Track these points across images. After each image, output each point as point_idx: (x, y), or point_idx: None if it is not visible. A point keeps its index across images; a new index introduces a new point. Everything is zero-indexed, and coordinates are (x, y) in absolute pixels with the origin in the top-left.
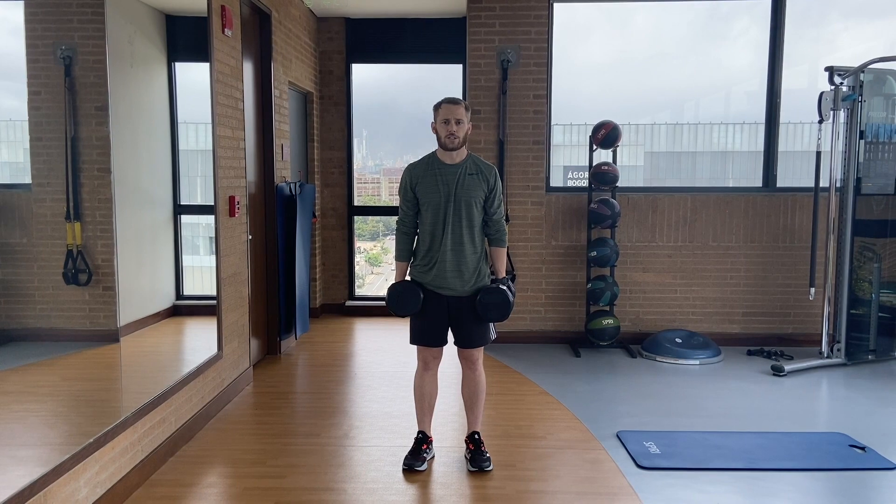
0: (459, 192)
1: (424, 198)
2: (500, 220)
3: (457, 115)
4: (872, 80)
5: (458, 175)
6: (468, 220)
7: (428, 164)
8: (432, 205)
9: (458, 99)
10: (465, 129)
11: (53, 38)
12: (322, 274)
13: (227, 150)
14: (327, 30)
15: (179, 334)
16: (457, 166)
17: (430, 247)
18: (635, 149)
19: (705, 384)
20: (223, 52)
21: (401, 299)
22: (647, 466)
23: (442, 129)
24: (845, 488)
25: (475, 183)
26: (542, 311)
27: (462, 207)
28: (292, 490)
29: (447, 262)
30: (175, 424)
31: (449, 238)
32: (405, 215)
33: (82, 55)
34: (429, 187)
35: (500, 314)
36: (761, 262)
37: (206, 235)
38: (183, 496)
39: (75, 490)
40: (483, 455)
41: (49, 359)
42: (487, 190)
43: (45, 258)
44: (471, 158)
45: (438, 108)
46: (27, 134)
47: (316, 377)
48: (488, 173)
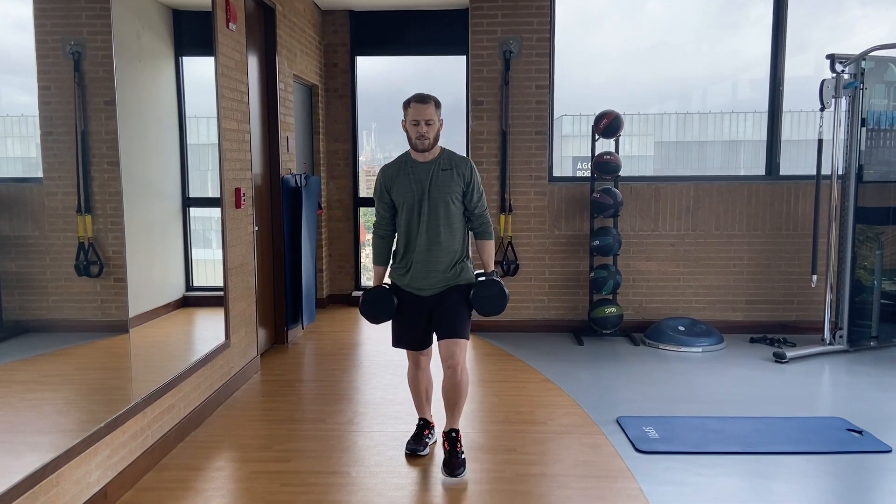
0: (433, 189)
1: (399, 198)
2: (482, 214)
3: (426, 115)
4: (874, 68)
5: (432, 172)
6: (446, 217)
7: (401, 164)
8: (407, 204)
9: (426, 97)
10: (437, 128)
11: (62, 34)
12: (329, 265)
13: (233, 143)
14: (331, 23)
15: (189, 325)
16: (429, 164)
17: (407, 248)
18: (645, 139)
19: (707, 371)
20: (228, 46)
21: (373, 306)
22: (645, 450)
23: (412, 129)
24: (841, 470)
25: (449, 178)
26: (546, 300)
27: (439, 205)
28: (298, 473)
29: (423, 262)
30: (184, 411)
31: (424, 237)
32: (381, 218)
33: (91, 50)
34: (402, 187)
35: (496, 306)
36: (764, 250)
37: (211, 229)
38: (192, 479)
39: (87, 473)
40: (458, 457)
41: (61, 349)
42: (464, 184)
43: (57, 250)
44: (444, 154)
45: (407, 106)
46: (26, 128)
47: (322, 365)
48: (463, 167)
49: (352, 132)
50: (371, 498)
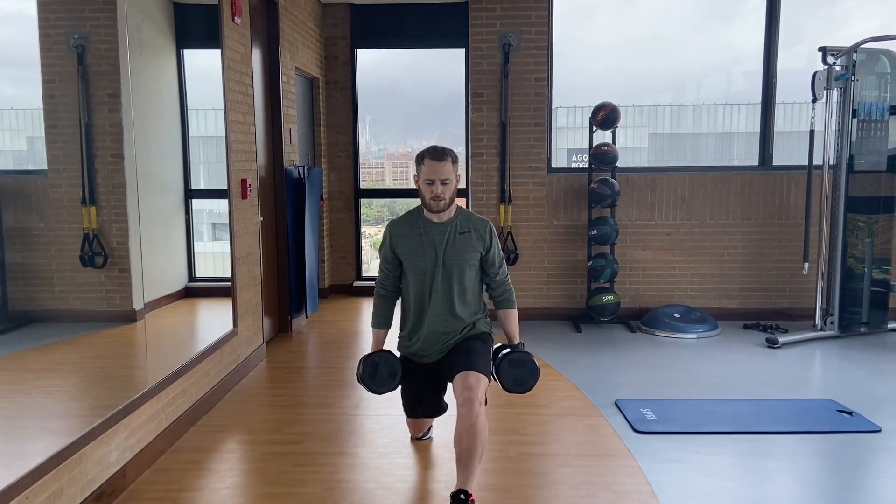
0: (449, 254)
1: (409, 261)
2: (504, 281)
3: (442, 174)
4: (865, 60)
5: (448, 235)
6: (460, 285)
7: (412, 221)
8: (418, 270)
9: (443, 153)
10: (454, 187)
11: (66, 28)
12: (330, 255)
13: (239, 135)
14: (332, 15)
15: (193, 314)
16: (445, 224)
17: (418, 317)
18: (639, 130)
19: (702, 356)
20: (233, 40)
21: (377, 373)
22: (643, 431)
23: (425, 188)
24: (832, 449)
25: (468, 243)
26: (545, 289)
27: (454, 273)
28: (308, 454)
29: (437, 332)
30: (195, 395)
31: (438, 308)
32: (385, 277)
33: (94, 43)
34: (413, 249)
35: (526, 382)
36: (757, 239)
37: (212, 221)
38: (206, 460)
39: (107, 453)
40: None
41: (68, 338)
42: (484, 249)
43: (62, 242)
44: (461, 214)
45: (421, 162)
46: (29, 122)
47: (326, 353)
48: (483, 230)
49: (352, 124)
50: (380, 477)
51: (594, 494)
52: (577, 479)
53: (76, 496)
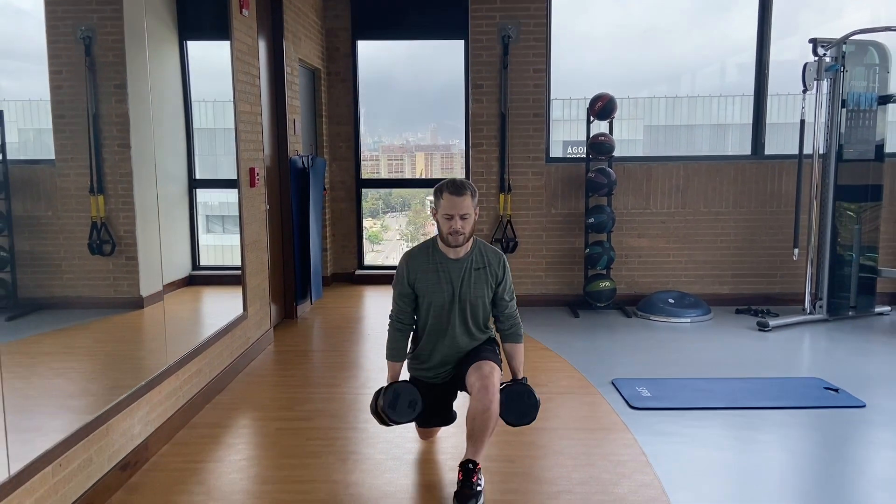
0: (465, 291)
1: (425, 296)
2: (513, 315)
3: (462, 209)
4: (854, 51)
5: (464, 272)
6: (474, 319)
7: (429, 255)
8: (435, 305)
9: (463, 187)
10: (473, 221)
11: (73, 20)
12: (332, 244)
13: (247, 125)
14: (333, 7)
15: (199, 301)
16: (461, 261)
17: (433, 346)
18: (635, 122)
19: (695, 339)
20: (241, 32)
21: (398, 402)
22: (638, 407)
23: (444, 223)
24: (818, 423)
25: (482, 279)
26: (543, 276)
27: (468, 308)
28: (319, 429)
29: (450, 359)
30: (209, 375)
31: (455, 340)
32: (401, 311)
33: (101, 35)
34: (431, 284)
35: (527, 416)
36: (750, 227)
37: (207, 213)
38: (222, 435)
39: (131, 426)
40: (472, 488)
41: (78, 324)
42: (496, 284)
43: (71, 230)
44: (477, 248)
45: (440, 196)
46: (17, 114)
47: (331, 337)
48: (496, 265)
49: (353, 115)
50: (391, 449)
51: (593, 464)
52: (576, 450)
53: (104, 465)
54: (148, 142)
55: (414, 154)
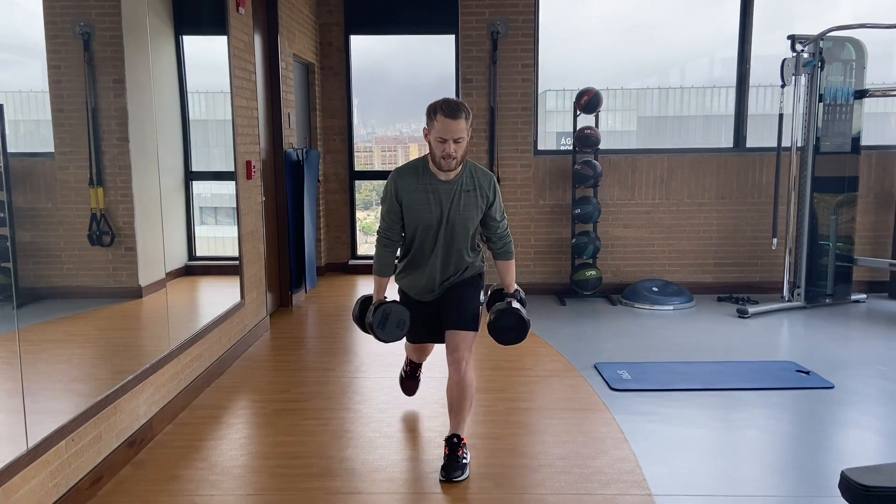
0: (454, 213)
1: (412, 214)
2: (504, 234)
3: (456, 132)
4: (832, 47)
5: (454, 193)
6: (462, 240)
7: (418, 174)
8: (422, 224)
9: (457, 109)
10: (466, 144)
11: (72, 15)
12: (326, 235)
13: (243, 119)
14: (326, 3)
15: (196, 290)
16: (452, 183)
17: (418, 262)
18: (628, 113)
19: (677, 326)
20: (238, 29)
21: (387, 322)
22: (619, 388)
23: (437, 146)
24: (789, 403)
25: (472, 201)
26: (532, 265)
27: (457, 230)
28: (315, 410)
29: (436, 278)
30: (209, 360)
31: (440, 259)
32: (389, 227)
33: (100, 30)
34: (418, 203)
35: (517, 336)
36: (731, 217)
37: (199, 205)
38: (222, 416)
39: (136, 406)
40: (457, 461)
41: (79, 313)
42: (486, 206)
43: (70, 221)
44: (468, 170)
45: (433, 117)
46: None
47: (325, 325)
48: (486, 186)
49: (347, 108)
50: (382, 428)
51: (573, 440)
52: (557, 428)
53: (112, 442)
54: (146, 135)
55: (407, 145)
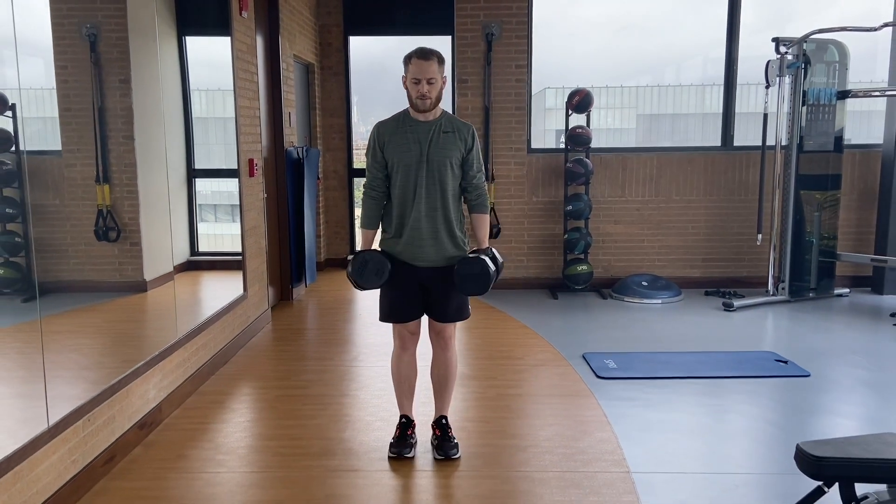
0: (433, 151)
1: (394, 158)
2: (480, 185)
3: (428, 73)
4: (815, 49)
5: (432, 133)
6: (441, 183)
7: (398, 121)
8: (403, 165)
9: (429, 52)
10: (439, 87)
11: (78, 18)
12: (325, 231)
13: (246, 119)
14: (326, 4)
15: (199, 284)
16: (430, 123)
17: (402, 212)
18: (627, 111)
19: (664, 319)
20: (241, 32)
21: (365, 269)
22: (604, 377)
23: (412, 88)
24: (765, 390)
25: (450, 142)
26: (525, 260)
27: (435, 169)
28: (315, 395)
29: (421, 229)
30: (213, 349)
31: (423, 203)
32: (374, 178)
33: (106, 32)
34: (399, 146)
35: (478, 287)
36: (719, 214)
37: (208, 202)
38: (227, 401)
39: (146, 391)
40: (450, 441)
41: (86, 306)
42: (465, 150)
43: (77, 217)
44: (445, 116)
45: (409, 62)
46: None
47: (325, 317)
48: (465, 132)
49: (346, 107)
50: (377, 412)
51: (559, 423)
52: (545, 412)
53: (124, 424)
54: (151, 133)
55: None
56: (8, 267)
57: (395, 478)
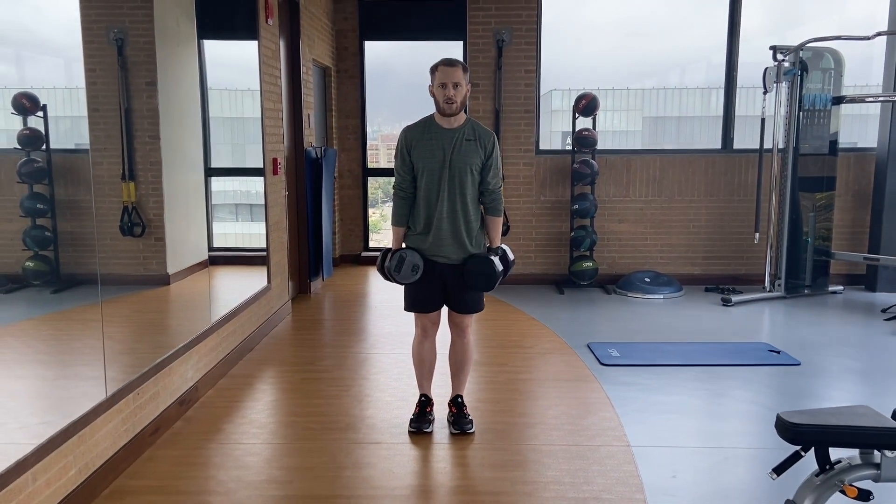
0: (455, 157)
1: (420, 162)
2: (496, 190)
3: (454, 78)
4: (811, 57)
5: (456, 140)
6: (461, 187)
7: (425, 127)
8: (427, 170)
9: (455, 60)
10: (464, 92)
11: (106, 23)
12: (340, 228)
13: (270, 120)
14: (342, 10)
15: (221, 278)
16: (454, 131)
17: (427, 213)
18: (634, 114)
19: (665, 313)
20: (266, 38)
21: (403, 265)
22: (608, 363)
23: (439, 93)
24: (758, 376)
25: (472, 149)
26: (533, 257)
27: (456, 174)
28: (337, 378)
29: (443, 229)
30: (241, 336)
31: (445, 205)
32: (403, 179)
33: (133, 37)
34: (424, 151)
35: (485, 283)
36: (719, 214)
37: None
38: (256, 382)
39: (185, 371)
40: (465, 418)
41: (114, 298)
42: (484, 157)
43: (104, 213)
44: (469, 123)
45: (435, 70)
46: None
47: (342, 309)
48: (486, 140)
49: (361, 109)
50: (398, 393)
51: (564, 404)
52: (551, 394)
53: (167, 399)
54: (174, 133)
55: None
56: (38, 260)
57: (414, 448)
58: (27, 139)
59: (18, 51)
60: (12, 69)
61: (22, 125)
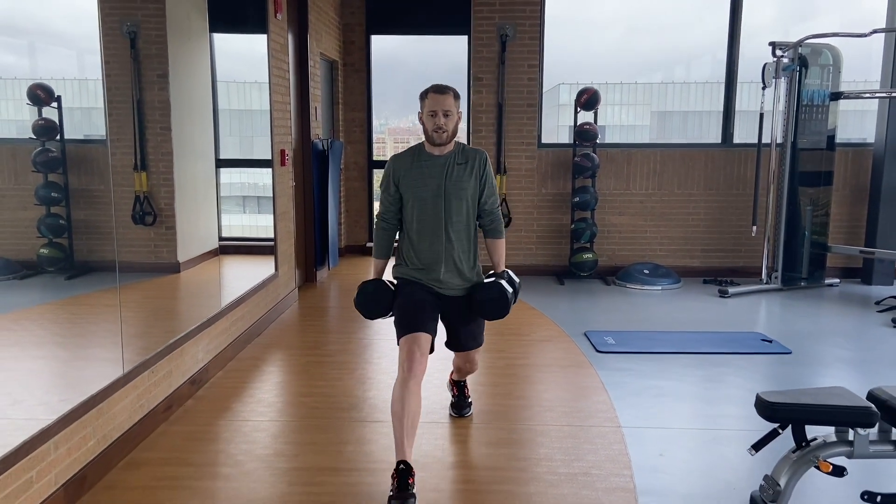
0: (449, 185)
1: (410, 192)
2: (494, 210)
3: (444, 105)
4: (810, 53)
5: (447, 167)
6: (457, 214)
7: (413, 156)
8: (419, 200)
9: (446, 87)
10: (455, 120)
11: (119, 17)
12: (346, 219)
13: (278, 112)
14: (349, 5)
15: (231, 266)
16: (445, 158)
17: (420, 246)
18: (642, 108)
19: (663, 303)
20: (275, 33)
21: (370, 299)
22: (603, 351)
23: (429, 121)
24: (750, 364)
25: (464, 174)
26: (534, 249)
27: (452, 202)
28: (342, 363)
29: (442, 262)
30: (249, 321)
31: (441, 235)
32: (386, 210)
33: (145, 31)
34: (415, 181)
35: (497, 310)
36: (718, 207)
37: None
38: (263, 365)
39: (196, 353)
40: (465, 400)
41: (126, 284)
42: (478, 178)
43: (117, 202)
44: (458, 147)
45: (425, 97)
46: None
47: (347, 297)
48: (477, 161)
49: (367, 102)
50: None
51: (560, 388)
52: (548, 379)
53: (179, 379)
54: (185, 125)
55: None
56: (53, 247)
57: None
58: (42, 129)
59: (32, 41)
60: (25, 60)
61: (37, 115)
